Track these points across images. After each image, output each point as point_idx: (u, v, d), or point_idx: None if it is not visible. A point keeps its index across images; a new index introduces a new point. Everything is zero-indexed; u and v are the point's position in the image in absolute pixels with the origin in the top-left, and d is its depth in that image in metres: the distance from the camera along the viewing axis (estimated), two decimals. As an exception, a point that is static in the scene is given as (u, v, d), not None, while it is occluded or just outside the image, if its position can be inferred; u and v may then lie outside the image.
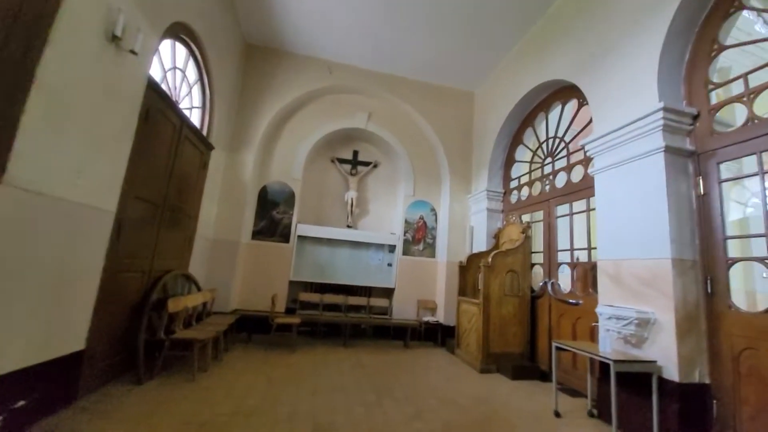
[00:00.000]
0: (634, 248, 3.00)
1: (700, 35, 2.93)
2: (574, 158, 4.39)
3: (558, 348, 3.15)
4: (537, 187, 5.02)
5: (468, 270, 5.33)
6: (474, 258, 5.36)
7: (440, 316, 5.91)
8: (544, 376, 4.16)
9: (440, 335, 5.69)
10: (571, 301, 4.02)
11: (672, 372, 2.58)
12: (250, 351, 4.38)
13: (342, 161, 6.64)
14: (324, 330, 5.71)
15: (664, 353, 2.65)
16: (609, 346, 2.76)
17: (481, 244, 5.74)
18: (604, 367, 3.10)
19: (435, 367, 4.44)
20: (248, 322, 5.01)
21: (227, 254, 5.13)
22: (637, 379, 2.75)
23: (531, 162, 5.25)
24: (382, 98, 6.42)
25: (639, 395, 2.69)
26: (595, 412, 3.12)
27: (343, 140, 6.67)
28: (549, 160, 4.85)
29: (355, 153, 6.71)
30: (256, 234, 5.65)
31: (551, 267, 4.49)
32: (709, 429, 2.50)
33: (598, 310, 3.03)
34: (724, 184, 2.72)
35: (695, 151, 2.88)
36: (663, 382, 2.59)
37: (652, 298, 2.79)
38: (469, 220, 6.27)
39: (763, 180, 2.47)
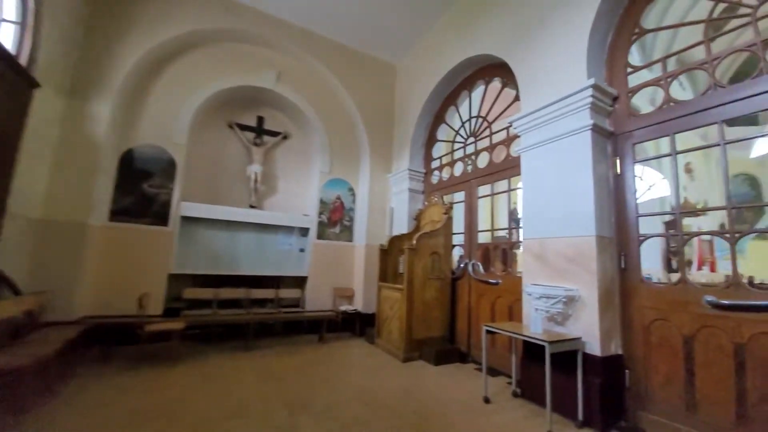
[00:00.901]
0: (559, 226, 2.98)
1: (624, 18, 2.99)
2: (496, 138, 4.35)
3: (488, 331, 2.99)
4: (459, 168, 4.91)
5: (389, 254, 4.98)
6: (396, 241, 5.03)
7: (358, 304, 5.48)
8: (463, 357, 4.11)
9: (358, 324, 5.26)
10: (491, 281, 4.00)
11: (594, 347, 2.62)
12: (107, 374, 3.18)
13: (244, 128, 5.50)
14: (221, 332, 4.69)
15: (587, 329, 2.68)
16: (540, 326, 2.68)
17: (401, 226, 5.45)
18: (527, 346, 3.08)
19: (356, 361, 3.98)
20: (107, 332, 3.71)
21: (67, 241, 3.65)
22: (561, 357, 2.74)
23: (453, 141, 5.11)
24: (297, 57, 5.48)
25: (562, 372, 2.68)
26: (518, 391, 3.09)
27: (246, 102, 5.52)
28: (472, 139, 4.75)
29: (260, 119, 5.64)
30: (118, 214, 4.21)
31: (471, 247, 4.44)
32: (622, 398, 2.62)
33: (528, 289, 2.95)
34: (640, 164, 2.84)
35: (614, 131, 2.96)
36: (586, 358, 2.61)
37: (576, 276, 2.80)
38: (389, 201, 5.92)
39: (674, 160, 2.62)
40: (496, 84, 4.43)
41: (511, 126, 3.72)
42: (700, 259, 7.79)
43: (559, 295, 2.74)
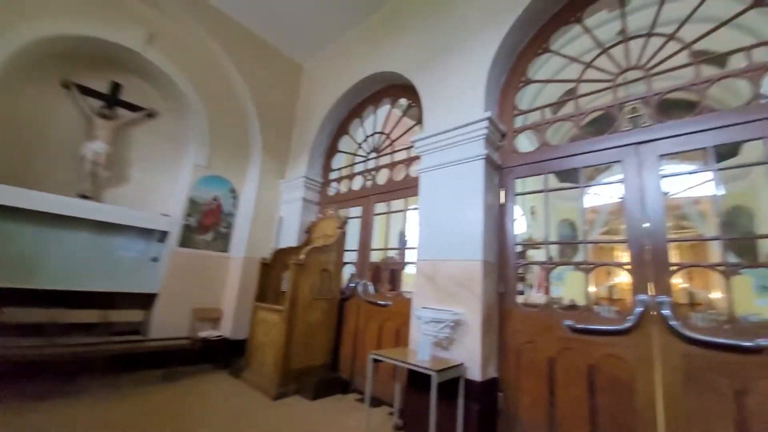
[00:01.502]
0: (452, 249, 2.99)
1: (515, 66, 3.33)
2: (398, 157, 4.32)
3: (375, 360, 2.72)
4: (358, 182, 4.71)
5: (272, 269, 4.34)
6: (281, 254, 4.43)
7: (227, 329, 4.57)
8: (345, 387, 3.74)
9: (225, 354, 4.34)
10: (381, 302, 3.80)
11: (475, 372, 2.61)
12: None
13: (87, 92, 4.15)
14: (11, 373, 3.14)
15: (470, 354, 2.67)
16: (428, 352, 2.54)
17: (290, 239, 4.88)
18: (411, 373, 2.91)
19: (211, 405, 3.17)
20: None
21: None
22: (445, 383, 2.65)
23: (355, 154, 4.92)
24: (180, 22, 4.50)
25: (444, 399, 2.58)
26: (400, 423, 2.88)
27: (98, 62, 4.21)
28: (374, 155, 4.64)
29: (116, 86, 4.37)
30: None
31: (363, 266, 4.21)
32: (495, 422, 2.66)
33: (418, 313, 2.82)
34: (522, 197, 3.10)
35: (500, 165, 3.19)
36: (467, 383, 2.57)
37: (463, 299, 2.81)
38: (279, 210, 5.28)
39: (546, 197, 2.93)
40: (402, 103, 4.46)
41: (413, 146, 3.72)
42: (539, 284, 9.38)
43: (447, 319, 2.68)
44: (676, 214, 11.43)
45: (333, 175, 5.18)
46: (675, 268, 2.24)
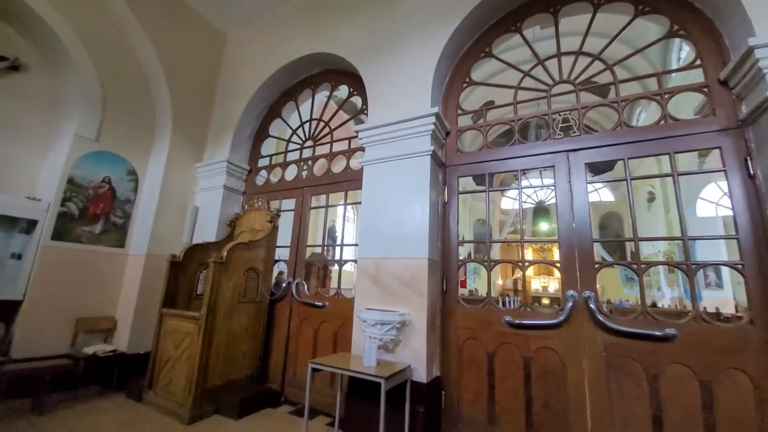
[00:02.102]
0: (396, 247, 2.89)
1: (459, 65, 3.35)
2: (337, 147, 4.05)
3: (314, 369, 2.47)
4: (292, 171, 4.30)
5: (185, 268, 3.69)
6: (197, 251, 3.80)
7: (122, 342, 3.76)
8: (275, 399, 3.38)
9: (118, 373, 3.55)
10: (317, 303, 3.53)
11: (421, 373, 2.56)
12: None
13: None
14: None
15: (415, 355, 2.61)
16: (373, 358, 2.39)
17: (208, 233, 4.24)
18: (353, 380, 2.74)
19: (100, 439, 2.52)
20: None
21: None
22: (391, 389, 2.54)
23: (289, 141, 4.48)
24: (52, -50, 3.46)
25: (389, 405, 2.47)
26: (340, 434, 2.68)
27: None
28: (310, 143, 4.28)
29: (-51, 21, 3.17)
30: None
31: (297, 264, 3.87)
32: (439, 421, 2.65)
33: (363, 315, 2.65)
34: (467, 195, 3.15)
35: (444, 162, 3.19)
36: (413, 386, 2.51)
37: (408, 299, 2.73)
38: (193, 198, 4.54)
39: (488, 196, 3.02)
40: (343, 90, 4.19)
41: (356, 136, 3.50)
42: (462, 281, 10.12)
43: (394, 320, 2.57)
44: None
45: (262, 163, 4.65)
46: (598, 265, 2.49)
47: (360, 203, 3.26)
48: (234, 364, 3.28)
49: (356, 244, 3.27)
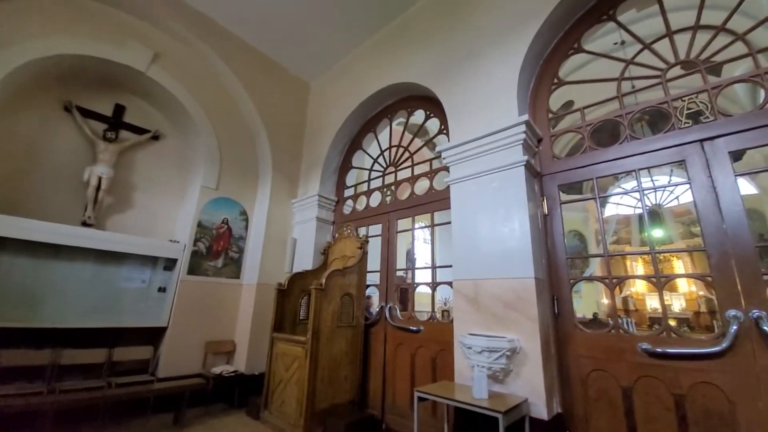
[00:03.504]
0: (495, 267, 2.70)
1: (545, 67, 3.15)
2: (418, 170, 4.09)
3: (420, 398, 2.37)
4: (376, 198, 4.45)
5: (289, 295, 4.01)
6: (298, 279, 4.11)
7: (241, 363, 4.19)
8: (377, 427, 3.34)
9: (238, 392, 3.95)
10: (411, 328, 3.47)
11: (540, 408, 2.27)
12: None
13: (89, 114, 3.95)
14: (5, 423, 2.78)
15: (532, 387, 2.33)
16: (485, 389, 2.20)
17: (305, 262, 4.58)
18: (460, 411, 2.55)
19: (230, 455, 2.77)
20: None
21: None
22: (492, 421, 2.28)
23: (371, 170, 4.69)
24: (184, 41, 4.36)
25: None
26: (450, 471, 2.50)
27: (98, 83, 4.04)
28: (391, 169, 4.41)
29: (120, 108, 4.18)
30: None
31: (389, 288, 3.89)
32: (566, 467, 2.29)
33: (466, 341, 2.50)
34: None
35: (540, 172, 2.95)
36: (532, 422, 2.22)
37: (515, 323, 2.49)
38: (291, 231, 5.00)
39: (597, 203, 2.67)
40: (419, 115, 4.27)
41: (438, 157, 3.49)
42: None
43: (503, 347, 2.35)
44: (682, 221, 11.21)
45: (348, 193, 4.93)
46: (769, 277, 1.96)
47: (449, 223, 3.17)
48: (337, 389, 3.37)
49: (433, 267, 3.15)
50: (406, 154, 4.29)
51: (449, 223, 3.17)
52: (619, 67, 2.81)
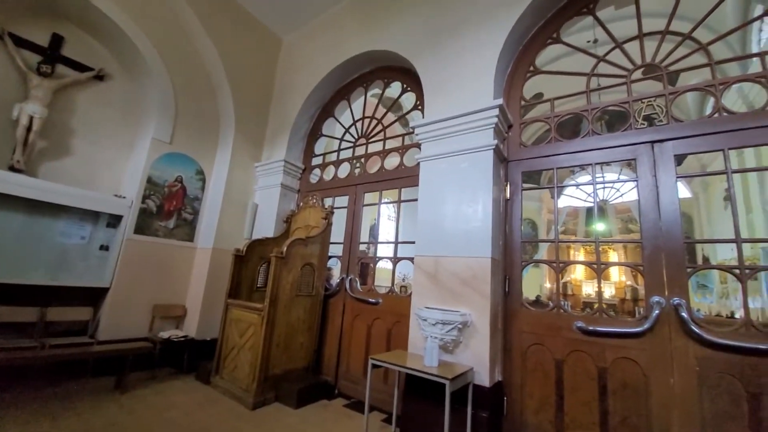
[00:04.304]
0: (456, 245, 2.80)
1: (522, 54, 3.17)
2: (390, 144, 4.04)
3: (374, 365, 2.47)
4: (345, 169, 4.36)
5: (247, 262, 3.89)
6: (257, 246, 3.99)
7: (191, 328, 4.06)
8: (330, 391, 3.44)
9: (188, 357, 3.83)
10: (371, 300, 3.54)
11: (483, 377, 2.46)
12: None
13: (22, 43, 3.39)
14: None
15: (477, 357, 2.51)
16: (436, 358, 2.33)
17: (266, 229, 4.44)
18: (410, 378, 2.70)
19: (181, 418, 2.71)
20: None
21: None
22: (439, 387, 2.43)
23: (341, 140, 4.55)
24: (136, -31, 3.81)
25: (442, 404, 2.39)
26: (398, 431, 2.66)
27: (35, 7, 3.45)
28: (363, 141, 4.31)
29: (57, 39, 3.63)
30: None
31: (351, 261, 3.91)
32: (500, 425, 2.53)
33: (423, 314, 2.60)
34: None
35: (507, 157, 3.04)
36: (475, 389, 2.41)
37: (469, 299, 2.63)
38: (253, 196, 4.78)
39: (555, 192, 2.82)
40: (396, 87, 4.17)
41: (411, 133, 3.46)
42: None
43: (456, 320, 2.49)
44: (622, 218, 12.32)
45: (316, 161, 4.78)
46: (690, 269, 2.22)
47: (415, 200, 3.21)
48: (292, 355, 3.40)
49: (396, 242, 3.22)
50: (379, 127, 4.20)
51: (416, 200, 3.21)
52: (590, 65, 2.90)
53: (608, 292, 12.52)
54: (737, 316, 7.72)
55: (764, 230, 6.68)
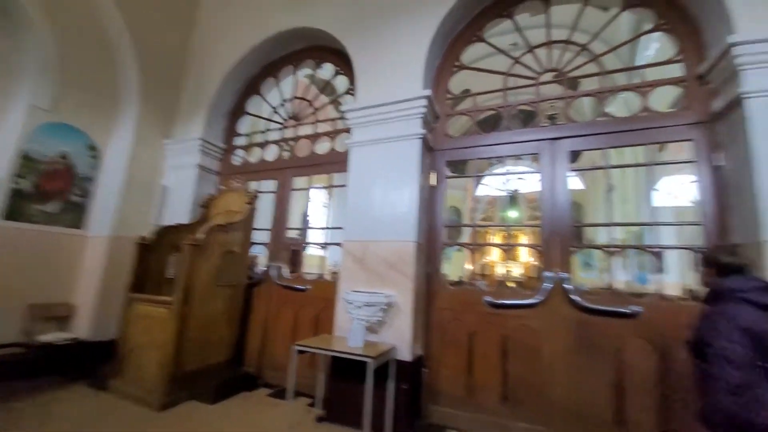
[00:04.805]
0: (384, 230, 2.86)
1: (450, 49, 3.32)
2: (321, 129, 3.92)
3: (300, 351, 2.43)
4: (272, 152, 4.12)
5: (154, 251, 3.46)
6: (168, 233, 3.57)
7: (82, 329, 3.50)
8: (252, 383, 3.29)
9: (78, 362, 3.28)
10: (298, 287, 3.46)
11: (405, 353, 2.59)
12: None
13: None
14: None
15: (400, 335, 2.63)
16: (361, 338, 2.39)
17: (179, 214, 3.99)
18: (336, 361, 2.71)
19: None
20: None
21: None
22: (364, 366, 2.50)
23: (270, 120, 4.28)
24: None
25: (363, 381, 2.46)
26: (323, 414, 2.67)
27: None
28: (292, 123, 4.11)
29: None
30: None
31: (278, 247, 3.75)
32: (419, 395, 2.70)
33: (349, 297, 2.62)
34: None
35: (433, 147, 3.18)
36: (398, 364, 2.53)
37: (395, 281, 2.73)
38: (162, 177, 4.25)
39: (477, 180, 3.05)
40: (328, 68, 4.04)
41: (342, 117, 3.40)
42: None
43: (381, 302, 2.57)
44: (532, 206, 13.99)
45: (239, 142, 4.42)
46: (573, 249, 2.61)
47: (345, 186, 3.19)
48: (210, 349, 3.16)
49: (326, 228, 3.20)
50: (310, 110, 4.05)
51: (345, 186, 3.19)
52: (508, 65, 3.17)
53: (517, 271, 14.15)
54: (613, 287, 9.45)
55: (635, 217, 8.05)
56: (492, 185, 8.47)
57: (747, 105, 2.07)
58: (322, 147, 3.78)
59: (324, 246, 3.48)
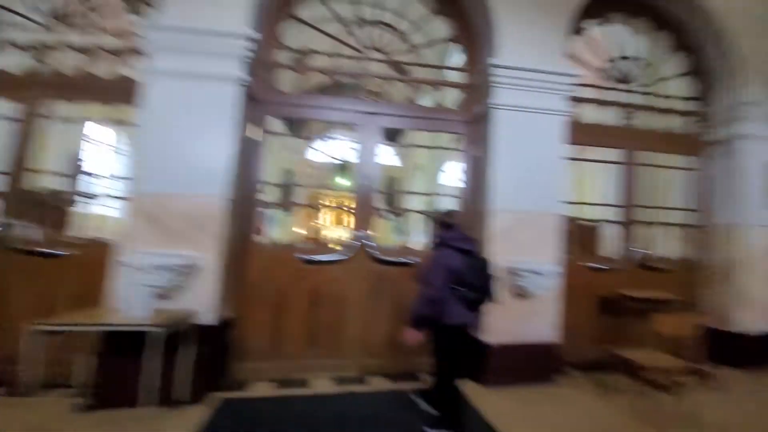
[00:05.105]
0: (184, 182, 2.47)
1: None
2: (104, 41, 2.92)
3: (52, 333, 1.86)
4: (17, 59, 2.80)
5: None
6: None
7: None
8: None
9: None
10: (54, 252, 2.60)
11: (209, 316, 2.40)
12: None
13: None
14: None
15: (204, 299, 2.41)
16: (145, 307, 2.04)
17: None
18: (109, 338, 2.23)
19: None
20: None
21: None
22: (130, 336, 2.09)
23: (21, 15, 2.84)
24: None
25: (153, 354, 2.14)
26: (87, 402, 2.18)
27: None
28: (61, 28, 2.89)
29: None
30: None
31: (19, 199, 2.68)
32: (225, 357, 2.60)
33: (133, 261, 2.15)
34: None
35: (260, 99, 2.91)
36: (200, 329, 2.32)
37: (197, 240, 2.43)
38: None
39: (308, 144, 3.02)
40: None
41: (138, 35, 2.63)
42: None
43: (178, 264, 2.25)
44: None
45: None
46: (376, 212, 3.04)
47: (136, 125, 2.53)
48: None
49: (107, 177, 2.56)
50: (88, 11, 2.93)
51: (136, 125, 2.54)
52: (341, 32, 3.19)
53: (345, 235, 15.19)
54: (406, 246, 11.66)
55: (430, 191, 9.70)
56: (325, 152, 8.67)
57: (494, 114, 2.86)
58: (102, 68, 2.84)
59: (97, 199, 2.75)
